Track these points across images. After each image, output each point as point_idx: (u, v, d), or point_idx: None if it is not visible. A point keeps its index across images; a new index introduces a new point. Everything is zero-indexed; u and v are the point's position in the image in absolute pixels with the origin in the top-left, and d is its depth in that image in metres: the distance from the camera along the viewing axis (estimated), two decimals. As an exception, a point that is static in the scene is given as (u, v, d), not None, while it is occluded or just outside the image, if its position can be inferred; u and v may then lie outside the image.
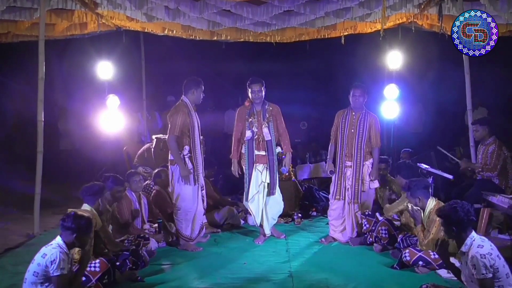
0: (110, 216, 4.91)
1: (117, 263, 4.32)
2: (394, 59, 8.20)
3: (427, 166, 6.17)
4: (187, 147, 5.26)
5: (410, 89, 8.79)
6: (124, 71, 8.74)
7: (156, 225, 5.64)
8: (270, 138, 5.57)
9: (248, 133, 5.57)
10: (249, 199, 5.60)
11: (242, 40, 7.71)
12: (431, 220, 4.55)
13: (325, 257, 5.27)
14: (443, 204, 4.60)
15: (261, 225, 5.77)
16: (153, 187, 6.28)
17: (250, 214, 5.94)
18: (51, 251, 3.52)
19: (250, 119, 5.59)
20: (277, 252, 5.42)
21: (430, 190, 5.31)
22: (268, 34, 7.54)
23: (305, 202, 7.21)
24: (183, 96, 5.38)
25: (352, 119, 5.57)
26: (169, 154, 5.37)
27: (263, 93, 5.57)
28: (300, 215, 6.72)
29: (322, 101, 10.11)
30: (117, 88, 8.49)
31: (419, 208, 4.72)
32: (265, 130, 5.56)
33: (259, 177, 5.60)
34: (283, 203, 5.91)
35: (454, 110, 9.10)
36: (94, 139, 8.74)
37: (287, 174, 6.72)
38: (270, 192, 5.66)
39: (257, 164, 5.59)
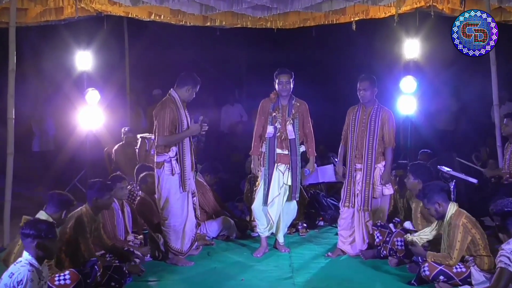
0: (96, 227, 4.92)
1: (85, 272, 4.33)
2: (411, 47, 8.20)
3: (448, 169, 6.18)
4: (174, 149, 5.25)
5: (429, 81, 8.80)
6: (105, 62, 8.75)
7: (142, 236, 5.64)
8: (294, 137, 5.62)
9: (270, 129, 5.62)
10: (268, 202, 5.64)
11: (239, 26, 7.72)
12: (453, 226, 4.54)
13: (333, 272, 5.28)
14: (464, 211, 4.62)
15: (271, 234, 5.86)
16: (137, 194, 6.29)
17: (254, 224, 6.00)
18: (19, 269, 3.48)
19: (274, 114, 5.64)
20: (279, 267, 5.43)
21: (451, 195, 5.33)
22: (269, 19, 7.55)
23: (311, 210, 7.20)
24: (172, 89, 5.37)
25: (363, 115, 5.58)
26: (155, 157, 5.37)
27: (291, 85, 5.64)
28: (305, 225, 6.72)
29: (330, 96, 10.11)
30: (98, 81, 8.50)
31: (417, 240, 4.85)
32: (289, 127, 5.61)
33: (280, 178, 5.66)
34: (297, 209, 5.98)
35: (479, 106, 9.11)
36: (71, 138, 8.74)
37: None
38: (292, 197, 5.73)
39: (278, 164, 5.65)
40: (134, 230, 5.79)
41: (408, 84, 8.16)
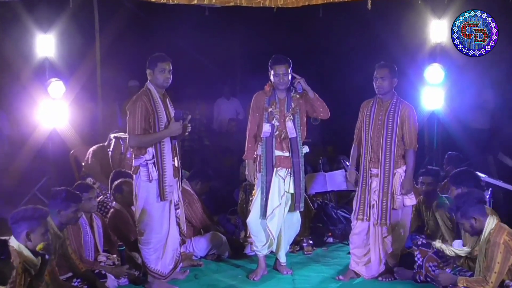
0: (61, 245, 4.93)
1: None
2: (438, 30, 8.23)
3: (483, 175, 6.22)
4: (150, 150, 5.26)
5: (459, 70, 8.81)
6: (71, 48, 8.73)
7: (115, 255, 5.66)
8: (295, 135, 5.66)
9: (267, 127, 5.66)
10: (267, 214, 5.65)
11: (231, 4, 7.71)
12: (492, 244, 4.53)
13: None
14: (505, 226, 4.63)
15: (270, 253, 5.90)
16: (110, 205, 6.30)
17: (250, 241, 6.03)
18: None
19: (270, 109, 5.68)
20: (280, 292, 5.47)
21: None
22: (267, -4, 7.56)
23: (318, 224, 7.24)
24: (148, 81, 5.41)
25: (379, 111, 5.63)
26: (133, 160, 5.39)
27: (290, 76, 5.67)
28: (311, 241, 6.78)
29: (340, 87, 10.11)
30: (62, 70, 8.49)
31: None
32: (289, 124, 5.64)
33: (281, 185, 5.70)
34: (301, 222, 6.02)
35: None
36: (31, 139, 8.72)
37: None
38: (295, 207, 5.78)
39: (278, 168, 5.69)
40: (106, 248, 5.80)
41: (435, 74, 8.20)
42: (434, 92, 8.29)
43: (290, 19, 8.94)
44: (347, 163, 6.55)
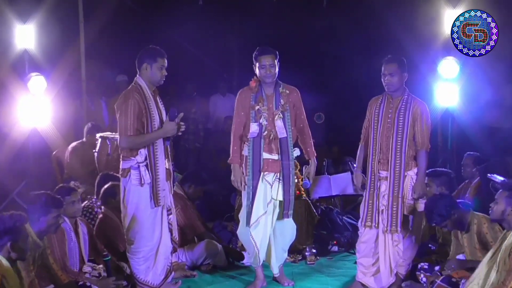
0: (40, 255, 4.92)
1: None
2: (452, 20, 8.22)
3: (502, 178, 6.22)
4: (142, 152, 5.26)
5: (476, 64, 8.82)
6: (53, 39, 8.73)
7: (101, 266, 5.65)
8: (285, 135, 5.62)
9: (254, 127, 5.61)
10: (251, 223, 5.61)
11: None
12: None
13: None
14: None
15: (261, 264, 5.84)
16: (97, 211, 6.29)
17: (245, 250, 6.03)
18: None
19: (257, 107, 5.64)
20: (281, 306, 5.48)
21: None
22: (267, -15, 7.57)
23: (321, 231, 7.24)
24: (137, 75, 5.40)
25: (389, 108, 5.62)
26: (121, 162, 5.40)
27: (277, 69, 5.64)
28: (314, 250, 6.79)
29: (346, 83, 10.13)
30: (44, 64, 8.49)
31: None
32: (279, 122, 5.60)
33: (268, 192, 5.64)
34: (295, 228, 5.98)
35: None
36: (9, 139, 8.72)
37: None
38: (284, 214, 5.72)
39: (265, 173, 5.64)
40: (92, 258, 5.79)
41: (449, 68, 8.20)
42: (448, 88, 8.29)
43: (292, 10, 8.94)
44: (353, 165, 6.56)
